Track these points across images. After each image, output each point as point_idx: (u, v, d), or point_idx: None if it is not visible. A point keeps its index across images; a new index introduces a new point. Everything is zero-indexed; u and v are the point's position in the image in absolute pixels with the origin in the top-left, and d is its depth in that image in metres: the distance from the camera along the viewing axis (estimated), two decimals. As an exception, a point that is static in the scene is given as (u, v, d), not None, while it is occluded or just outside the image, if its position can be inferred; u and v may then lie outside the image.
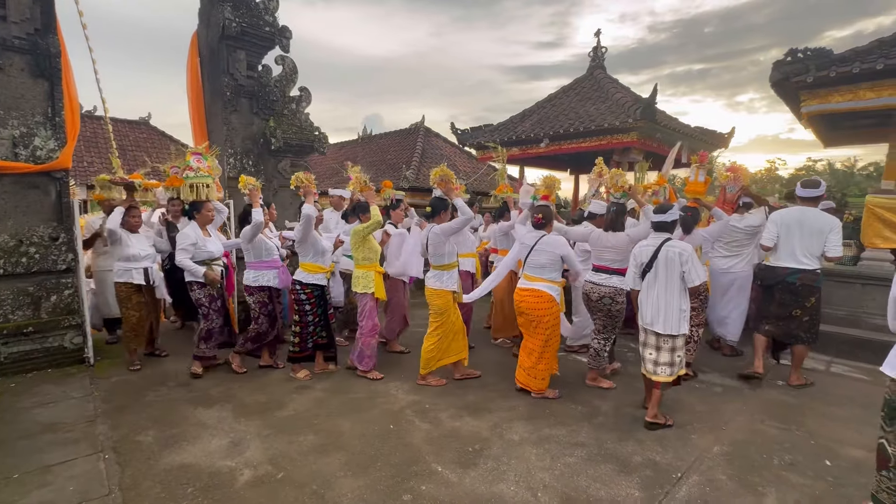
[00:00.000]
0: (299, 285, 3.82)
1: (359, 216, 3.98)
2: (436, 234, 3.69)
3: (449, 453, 2.75)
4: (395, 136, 17.09)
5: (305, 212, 3.64)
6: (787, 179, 30.91)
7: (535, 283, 3.51)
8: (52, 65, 4.05)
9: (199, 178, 4.02)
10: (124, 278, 4.07)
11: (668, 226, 3.17)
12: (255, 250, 3.94)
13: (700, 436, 3.01)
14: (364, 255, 3.86)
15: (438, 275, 3.72)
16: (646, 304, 3.16)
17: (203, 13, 5.70)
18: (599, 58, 8.36)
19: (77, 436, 2.90)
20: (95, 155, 13.74)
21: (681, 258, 3.02)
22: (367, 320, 3.89)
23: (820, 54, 4.72)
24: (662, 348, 3.09)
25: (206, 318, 3.95)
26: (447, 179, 3.76)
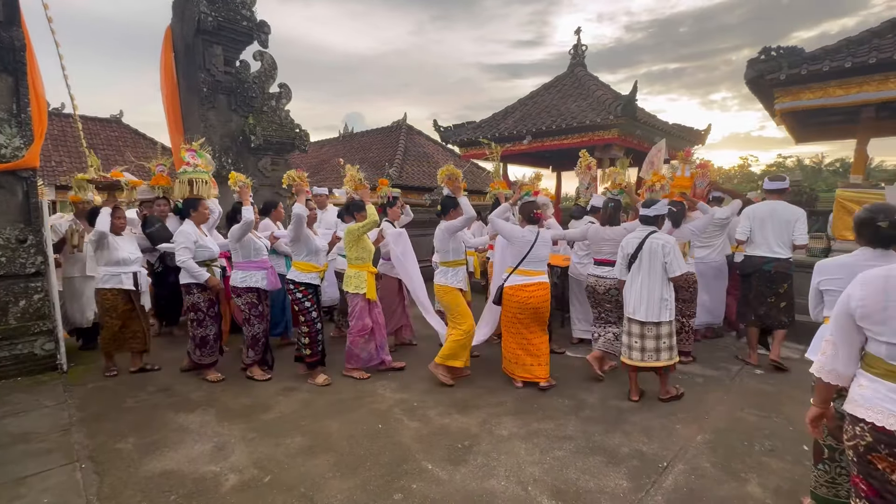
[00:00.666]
0: (293, 284, 3.72)
1: (353, 215, 3.90)
2: (441, 230, 3.75)
3: (439, 451, 2.74)
4: (378, 133, 16.96)
5: (297, 211, 3.55)
6: (758, 175, 31.91)
7: (539, 277, 3.63)
8: (16, 59, 3.87)
9: (196, 174, 3.83)
10: (111, 284, 3.77)
11: (654, 220, 3.37)
12: (244, 250, 3.78)
13: (684, 426, 3.08)
14: (357, 255, 3.80)
15: (444, 271, 3.77)
16: (629, 294, 3.37)
17: (177, 7, 5.53)
18: (580, 55, 8.44)
19: (51, 446, 2.78)
20: (64, 154, 13.22)
21: (663, 249, 3.23)
22: (357, 320, 3.84)
23: (792, 52, 4.86)
24: (647, 336, 3.31)
25: (200, 325, 3.75)
26: (454, 178, 3.80)
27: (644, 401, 3.45)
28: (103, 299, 3.81)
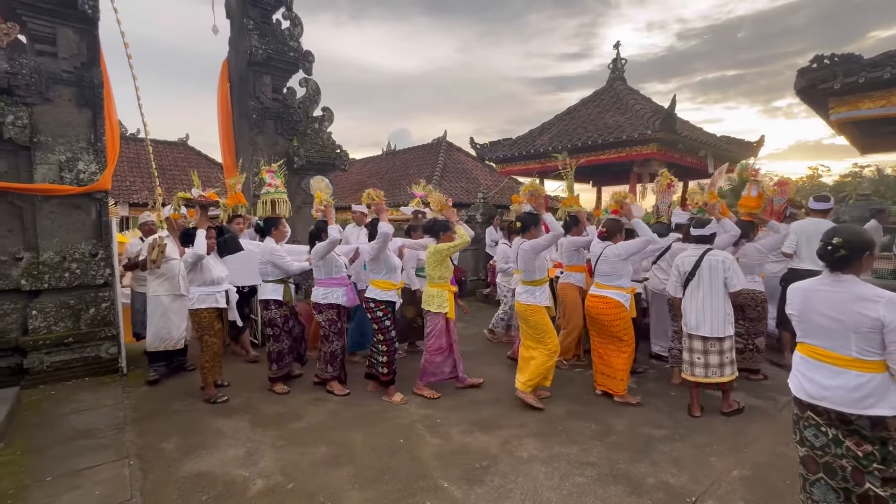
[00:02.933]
0: (373, 302, 3.72)
1: (438, 234, 3.89)
2: (525, 250, 3.63)
3: (456, 469, 2.76)
4: (418, 151, 17.39)
5: (383, 229, 3.59)
6: (830, 187, 29.35)
7: (604, 291, 3.73)
8: (95, 95, 4.39)
9: (277, 194, 4.11)
10: (207, 303, 3.76)
11: (708, 238, 3.54)
12: (326, 267, 3.85)
13: (719, 458, 2.90)
14: (440, 274, 3.81)
15: (531, 290, 3.64)
16: (690, 311, 3.47)
17: (233, 41, 6.06)
18: (619, 69, 8.30)
19: (107, 442, 3.07)
20: (138, 175, 14.61)
21: (723, 265, 3.37)
22: (436, 339, 3.82)
23: (848, 60, 4.55)
24: (710, 351, 3.39)
25: (276, 340, 3.89)
26: (537, 195, 3.81)
27: (676, 429, 3.28)
28: (200, 319, 3.75)
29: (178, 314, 4.09)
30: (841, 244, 1.84)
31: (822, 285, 1.94)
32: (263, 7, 5.84)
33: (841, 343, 1.83)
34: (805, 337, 1.96)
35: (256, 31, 5.60)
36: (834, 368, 1.84)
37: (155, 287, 4.07)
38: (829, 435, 1.87)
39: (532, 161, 7.89)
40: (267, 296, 3.90)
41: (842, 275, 1.89)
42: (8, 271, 4.11)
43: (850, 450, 1.82)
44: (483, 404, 3.72)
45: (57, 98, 4.26)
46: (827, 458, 1.88)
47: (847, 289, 1.85)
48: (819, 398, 1.86)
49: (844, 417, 1.82)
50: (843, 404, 1.81)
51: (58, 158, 4.24)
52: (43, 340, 4.07)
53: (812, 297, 1.93)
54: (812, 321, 1.92)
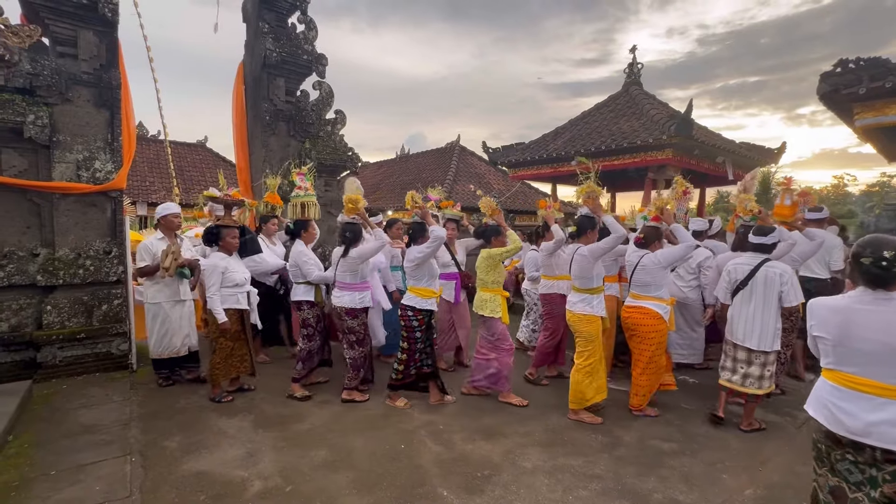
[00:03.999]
0: (412, 311, 3.58)
1: (489, 239, 3.87)
2: (583, 255, 3.47)
3: (456, 477, 2.70)
4: (432, 154, 17.42)
5: (438, 233, 3.48)
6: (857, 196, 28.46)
7: (641, 301, 3.56)
8: (113, 96, 4.49)
9: (307, 197, 4.08)
10: (228, 304, 3.66)
11: (769, 248, 3.40)
12: (363, 271, 3.83)
13: (732, 476, 2.78)
14: (494, 279, 3.77)
15: (587, 299, 3.47)
16: (738, 321, 3.37)
17: (248, 45, 6.15)
18: (635, 74, 8.19)
19: (111, 438, 3.10)
20: (157, 176, 14.95)
21: (781, 279, 3.24)
22: (505, 341, 3.78)
23: (874, 64, 4.38)
24: (754, 363, 3.32)
25: (309, 339, 3.90)
26: (594, 196, 3.68)
27: (688, 444, 3.17)
28: (215, 320, 3.62)
29: (179, 321, 4.00)
30: (894, 257, 1.62)
31: (864, 304, 1.70)
32: (279, 11, 5.92)
33: (888, 371, 1.63)
34: (840, 364, 1.74)
35: (271, 34, 5.68)
36: (878, 400, 1.64)
37: (153, 293, 3.95)
38: (865, 474, 1.69)
39: (545, 166, 7.81)
40: (299, 297, 3.90)
41: (890, 292, 1.67)
42: (25, 267, 4.20)
43: (885, 495, 1.65)
44: (487, 411, 3.65)
45: (76, 98, 4.36)
46: (859, 494, 1.71)
47: (892, 307, 1.65)
48: (862, 434, 1.65)
49: (891, 456, 1.63)
50: (891, 441, 1.60)
51: (75, 157, 4.34)
52: (56, 335, 4.15)
53: (853, 318, 1.69)
54: (852, 346, 1.69)
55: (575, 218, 3.76)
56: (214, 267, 3.62)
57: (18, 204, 4.23)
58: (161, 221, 4.09)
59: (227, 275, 3.66)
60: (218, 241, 3.76)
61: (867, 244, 1.71)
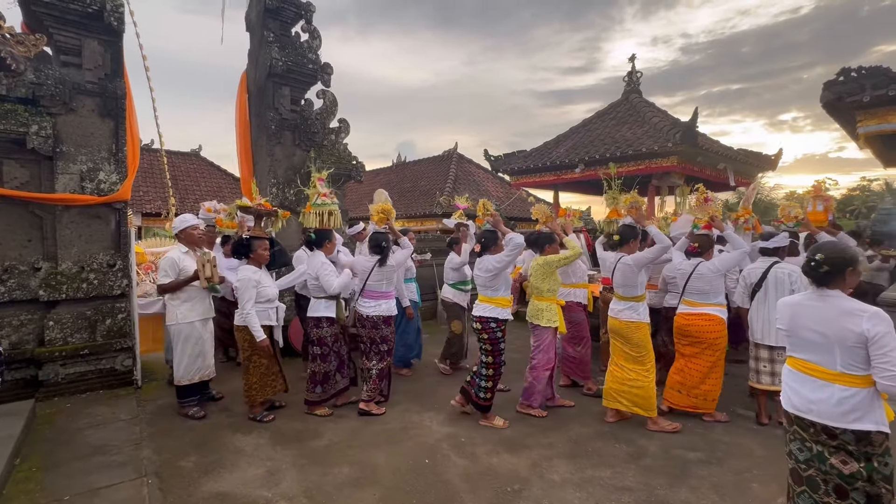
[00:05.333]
0: (495, 322, 3.45)
1: (542, 247, 3.79)
2: (628, 264, 3.47)
3: (486, 492, 2.64)
4: (429, 162, 17.43)
5: (517, 240, 3.38)
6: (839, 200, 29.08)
7: (702, 308, 3.59)
8: (118, 106, 4.41)
9: (328, 206, 3.90)
10: (260, 320, 3.48)
11: (774, 251, 3.59)
12: (393, 279, 3.84)
13: (762, 485, 2.76)
14: (549, 287, 3.68)
15: (634, 306, 3.48)
16: (756, 321, 3.55)
17: (252, 54, 6.10)
18: (634, 82, 8.29)
19: (124, 459, 2.99)
20: (151, 185, 14.73)
21: (790, 278, 3.43)
22: (544, 354, 3.67)
23: (877, 72, 4.47)
24: (776, 360, 3.41)
25: (324, 359, 3.65)
26: (638, 206, 3.74)
27: (713, 452, 3.14)
28: (250, 337, 3.43)
29: (210, 339, 3.79)
30: (823, 260, 1.87)
31: (808, 300, 1.96)
32: (283, 20, 5.88)
33: (827, 357, 1.86)
34: (794, 351, 2.00)
35: (276, 43, 5.64)
36: (819, 382, 1.87)
37: (185, 312, 3.59)
38: (812, 450, 1.89)
39: (548, 173, 7.84)
40: (319, 312, 3.66)
41: (827, 290, 1.90)
42: (26, 281, 4.08)
43: (833, 467, 1.82)
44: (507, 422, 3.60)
45: (80, 108, 4.27)
46: (810, 471, 1.89)
47: (832, 304, 1.87)
48: (805, 411, 1.89)
49: (829, 431, 1.83)
50: (828, 418, 1.83)
51: (79, 168, 4.24)
52: (59, 352, 4.02)
53: (799, 312, 1.96)
54: (799, 335, 1.95)
55: (618, 227, 3.77)
56: (248, 280, 3.43)
57: (20, 216, 4.11)
58: (180, 235, 3.81)
59: (259, 290, 3.48)
60: (249, 252, 3.57)
61: (814, 248, 1.95)
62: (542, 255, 3.77)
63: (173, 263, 3.60)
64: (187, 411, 3.63)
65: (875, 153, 5.92)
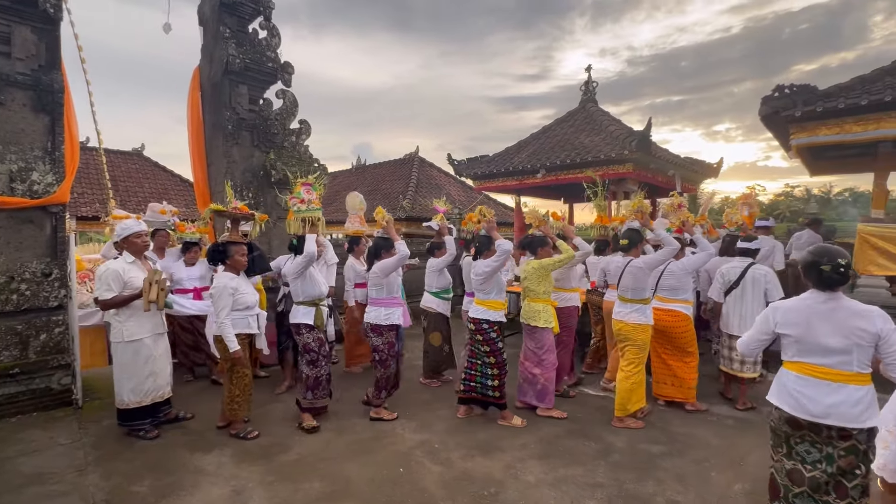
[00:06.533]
0: (487, 324, 3.57)
1: (535, 250, 3.86)
2: (638, 267, 3.58)
3: (464, 498, 2.63)
4: (390, 165, 17.28)
5: (505, 247, 3.47)
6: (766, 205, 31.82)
7: (670, 304, 3.84)
8: (54, 100, 4.03)
9: (311, 212, 3.57)
10: (239, 328, 3.32)
11: (752, 252, 3.96)
12: (388, 287, 3.70)
13: (720, 473, 2.93)
14: (545, 289, 3.74)
15: (641, 309, 3.60)
16: (733, 315, 3.92)
17: (206, 49, 5.79)
18: (591, 92, 8.64)
19: (66, 488, 2.72)
20: (87, 186, 13.60)
21: (765, 278, 3.82)
22: (550, 354, 3.75)
23: (805, 90, 4.92)
24: None
25: (315, 365, 3.52)
26: (643, 211, 3.86)
27: (673, 445, 3.31)
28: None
29: (163, 357, 3.45)
30: (848, 264, 1.92)
31: (818, 304, 1.96)
32: (240, 16, 5.63)
33: (845, 359, 1.88)
34: (803, 356, 1.97)
35: (233, 39, 5.39)
36: (835, 385, 1.89)
37: (132, 329, 3.26)
38: (822, 452, 1.92)
39: (510, 178, 8.00)
40: (298, 319, 3.54)
41: (836, 293, 1.95)
42: (-57, 294, 3.63)
43: (840, 468, 1.89)
44: (479, 426, 3.61)
45: (10, 102, 3.86)
46: (815, 472, 1.93)
47: (842, 305, 1.92)
48: (822, 416, 1.89)
49: (845, 432, 1.88)
50: (847, 420, 1.86)
51: (8, 168, 3.83)
52: (-16, 372, 3.60)
53: (812, 317, 1.95)
54: (815, 341, 1.93)
55: (623, 232, 3.92)
56: (223, 288, 3.25)
57: (-64, 221, 3.66)
58: (122, 244, 3.45)
59: (236, 297, 3.31)
60: (226, 258, 3.40)
61: (823, 253, 1.95)
62: (535, 258, 3.83)
63: (117, 276, 3.21)
64: (137, 432, 3.36)
65: (804, 163, 6.51)
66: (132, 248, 3.42)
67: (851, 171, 6.91)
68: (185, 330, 4.61)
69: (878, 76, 4.84)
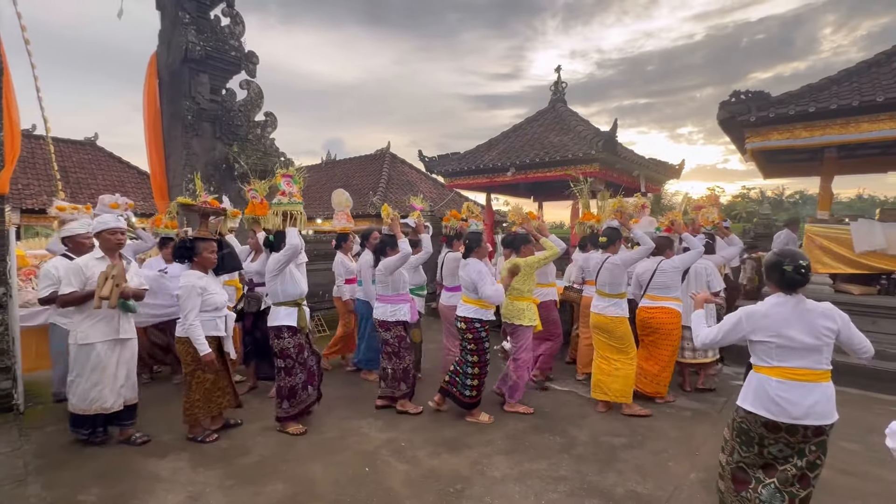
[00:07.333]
0: (479, 323, 3.55)
1: (517, 248, 3.86)
2: (615, 264, 3.72)
3: (430, 496, 2.62)
4: (360, 161, 17.04)
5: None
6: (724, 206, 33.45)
7: (662, 302, 3.95)
8: (-9, 82, 3.74)
9: (291, 205, 3.38)
10: (206, 330, 3.14)
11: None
12: (394, 283, 3.70)
13: (676, 463, 3.05)
14: (529, 287, 3.77)
15: (618, 303, 3.76)
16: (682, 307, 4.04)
17: (164, 35, 5.52)
18: (560, 92, 8.78)
19: (3, 500, 2.53)
20: (33, 177, 12.73)
21: (706, 271, 4.12)
22: (527, 353, 3.80)
23: (759, 97, 5.17)
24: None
25: (289, 373, 3.34)
26: (622, 211, 3.95)
27: (633, 436, 3.42)
28: (193, 351, 3.09)
29: (116, 367, 3.12)
30: (809, 266, 1.97)
31: (785, 307, 1.98)
32: (201, 1, 5.40)
33: (816, 358, 1.94)
34: (783, 360, 1.96)
35: (193, 25, 5.16)
36: (810, 385, 1.92)
37: (86, 330, 3.03)
38: (794, 448, 1.98)
39: (480, 176, 8.04)
40: (279, 321, 3.32)
41: (799, 295, 1.99)
42: None
43: (809, 462, 1.97)
44: (446, 423, 3.62)
45: (-61, 84, 3.56)
46: (787, 465, 2.00)
47: (806, 306, 1.97)
48: (801, 417, 1.91)
49: (820, 430, 1.93)
50: (824, 417, 1.91)
51: (-62, 155, 3.53)
52: None
53: (785, 321, 1.96)
54: (793, 344, 1.94)
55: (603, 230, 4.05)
56: (191, 288, 3.07)
57: None
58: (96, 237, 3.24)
59: (205, 297, 3.14)
60: (193, 255, 3.20)
61: (786, 255, 2.01)
62: (518, 257, 3.85)
63: (79, 271, 3.02)
64: (77, 437, 3.15)
65: (758, 166, 6.86)
66: (105, 244, 3.17)
67: (801, 174, 7.33)
68: (160, 329, 4.42)
69: (825, 85, 5.13)
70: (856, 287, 5.16)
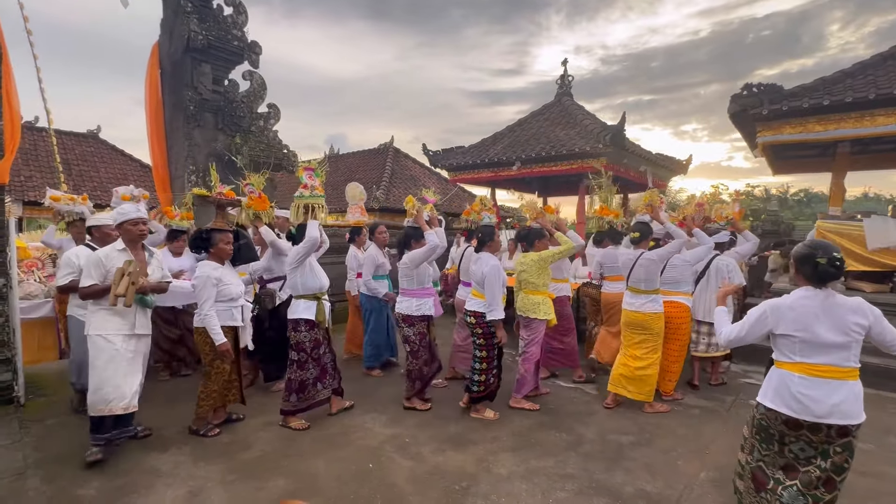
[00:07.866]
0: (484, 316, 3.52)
1: (532, 243, 3.80)
2: (651, 259, 3.64)
3: (435, 493, 2.57)
4: (364, 155, 16.95)
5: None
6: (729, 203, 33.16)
7: (672, 297, 3.90)
8: (-10, 71, 3.68)
9: (313, 199, 3.33)
10: (222, 321, 3.11)
11: (718, 245, 4.20)
12: (419, 277, 3.64)
13: (686, 461, 2.99)
14: (543, 281, 3.73)
15: (655, 298, 3.70)
16: (700, 302, 4.19)
17: (166, 24, 5.45)
18: (567, 85, 8.67)
19: (2, 493, 2.50)
20: (35, 168, 12.71)
21: (727, 268, 4.08)
22: (536, 347, 3.76)
23: (772, 89, 5.06)
24: (713, 333, 3.86)
25: (301, 367, 3.33)
26: (654, 204, 3.88)
27: (641, 434, 3.36)
28: (211, 341, 3.06)
29: (132, 362, 2.93)
30: (843, 258, 1.88)
31: (814, 300, 1.90)
32: (203, -10, 5.32)
33: (844, 355, 1.86)
34: (807, 356, 1.89)
35: (196, 14, 5.08)
36: (836, 383, 1.85)
37: (99, 322, 2.85)
38: (818, 449, 1.91)
39: (485, 170, 7.96)
40: (298, 314, 3.31)
41: (829, 289, 1.91)
42: None
43: (834, 464, 1.89)
44: (450, 419, 3.56)
45: (-63, 71, 3.50)
46: (810, 467, 1.92)
47: (836, 301, 1.88)
48: (825, 416, 1.84)
49: (844, 430, 1.85)
50: (850, 417, 1.84)
51: (-64, 144, 3.48)
52: None
53: (812, 315, 1.88)
54: (818, 340, 1.86)
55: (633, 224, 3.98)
56: (206, 278, 3.07)
57: None
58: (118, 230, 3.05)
59: (220, 287, 3.12)
60: (209, 246, 3.19)
61: (818, 246, 1.92)
62: (533, 251, 3.79)
63: (99, 262, 2.87)
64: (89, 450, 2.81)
65: (768, 161, 6.75)
66: (127, 235, 3.00)
67: (811, 170, 7.22)
68: (169, 323, 4.34)
69: (839, 78, 5.02)
70: (867, 284, 5.07)
